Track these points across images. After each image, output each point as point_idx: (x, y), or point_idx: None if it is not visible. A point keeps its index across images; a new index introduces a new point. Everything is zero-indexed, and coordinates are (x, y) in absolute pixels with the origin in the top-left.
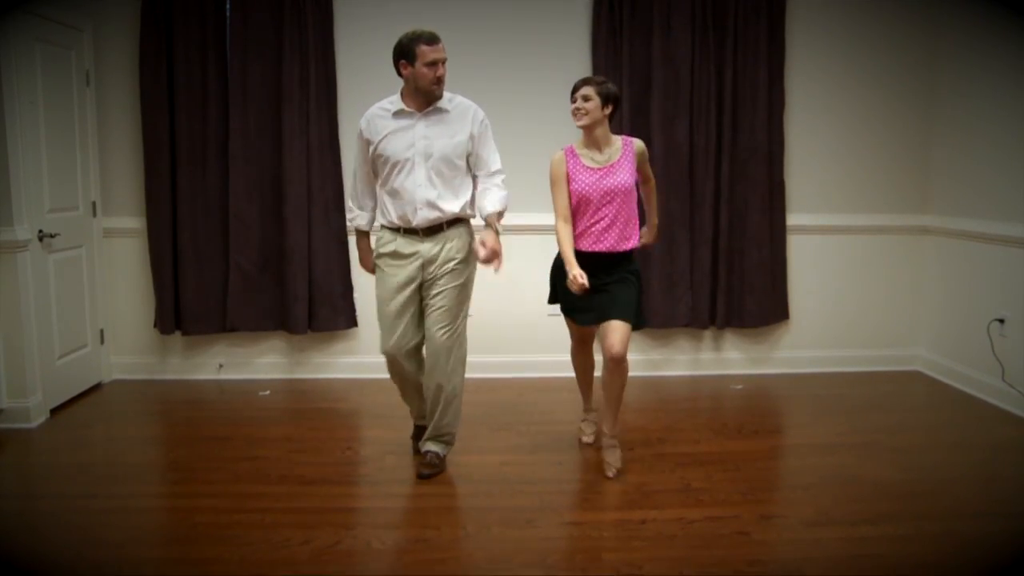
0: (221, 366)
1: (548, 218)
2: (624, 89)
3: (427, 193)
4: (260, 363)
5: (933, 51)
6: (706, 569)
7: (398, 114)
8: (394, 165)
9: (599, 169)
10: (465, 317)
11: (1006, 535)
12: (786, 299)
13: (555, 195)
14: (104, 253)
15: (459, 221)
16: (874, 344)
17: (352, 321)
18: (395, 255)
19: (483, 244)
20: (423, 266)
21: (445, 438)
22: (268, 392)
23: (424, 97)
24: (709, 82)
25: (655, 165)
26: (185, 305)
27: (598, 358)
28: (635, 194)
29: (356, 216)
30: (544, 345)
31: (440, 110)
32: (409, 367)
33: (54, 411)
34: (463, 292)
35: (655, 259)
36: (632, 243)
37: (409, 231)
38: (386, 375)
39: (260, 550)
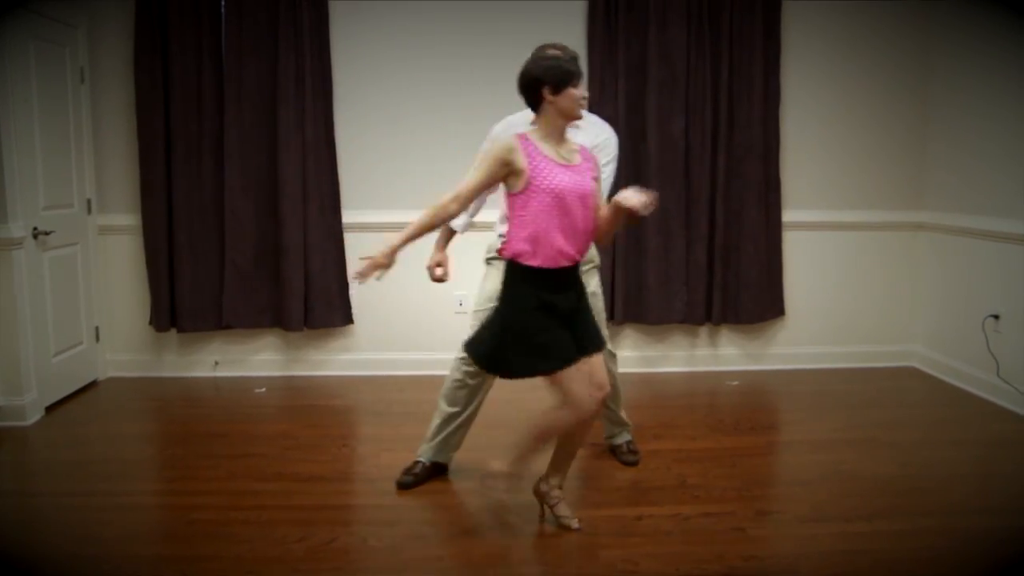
0: (217, 363)
1: None
2: (620, 85)
3: None
4: (256, 360)
5: (927, 46)
6: (702, 565)
7: None
8: None
9: (570, 167)
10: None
11: (1002, 531)
12: (782, 295)
13: (479, 172)
14: (99, 250)
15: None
16: (870, 340)
17: (348, 318)
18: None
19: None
20: None
21: None
22: (264, 389)
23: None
24: (705, 78)
25: (651, 161)
26: (181, 302)
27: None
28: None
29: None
30: None
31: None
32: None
33: (49, 409)
34: None
35: (651, 255)
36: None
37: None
38: (384, 372)
39: (256, 547)
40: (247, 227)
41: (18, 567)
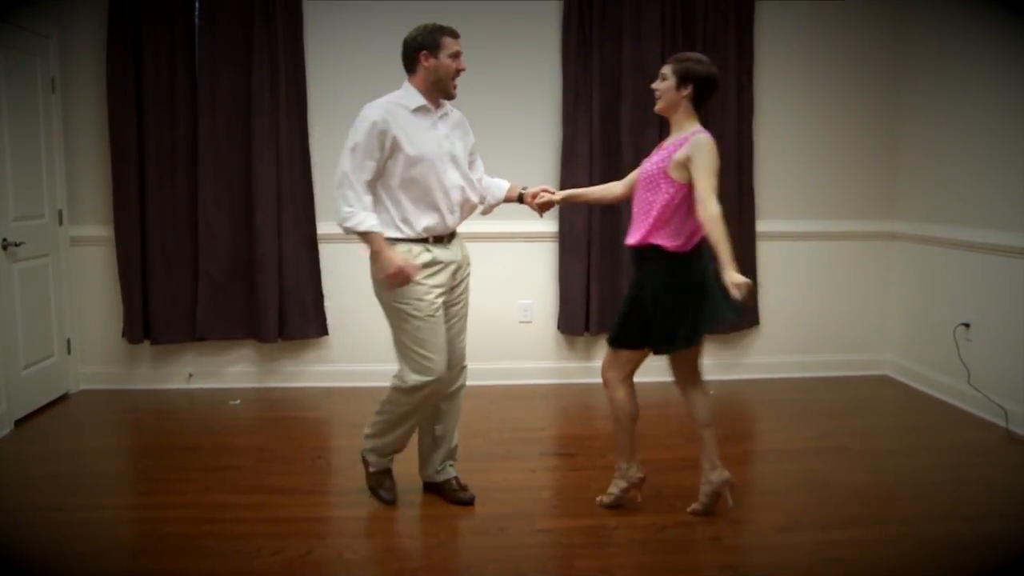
0: (191, 375)
1: (520, 225)
2: (594, 97)
3: (468, 195)
4: (230, 372)
5: (898, 59)
6: (679, 575)
7: (419, 111)
8: (427, 166)
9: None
10: None
11: (973, 537)
12: (756, 305)
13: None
14: (71, 262)
15: None
16: (843, 349)
17: (323, 329)
18: (432, 264)
19: (544, 190)
20: (454, 273)
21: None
22: (239, 401)
23: (441, 93)
24: None
25: (625, 172)
26: (154, 314)
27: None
28: (661, 188)
29: (365, 217)
30: (517, 353)
31: (446, 111)
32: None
33: (19, 422)
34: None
35: (625, 266)
36: (648, 239)
37: (438, 239)
38: (360, 383)
39: (230, 561)
40: (221, 238)
41: None
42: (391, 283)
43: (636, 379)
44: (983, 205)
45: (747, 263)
